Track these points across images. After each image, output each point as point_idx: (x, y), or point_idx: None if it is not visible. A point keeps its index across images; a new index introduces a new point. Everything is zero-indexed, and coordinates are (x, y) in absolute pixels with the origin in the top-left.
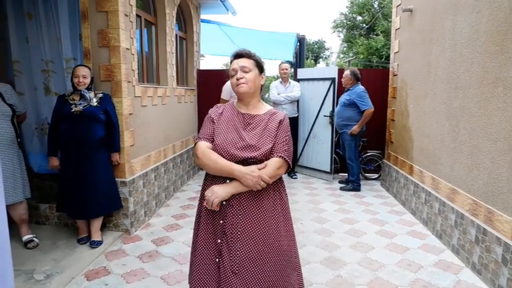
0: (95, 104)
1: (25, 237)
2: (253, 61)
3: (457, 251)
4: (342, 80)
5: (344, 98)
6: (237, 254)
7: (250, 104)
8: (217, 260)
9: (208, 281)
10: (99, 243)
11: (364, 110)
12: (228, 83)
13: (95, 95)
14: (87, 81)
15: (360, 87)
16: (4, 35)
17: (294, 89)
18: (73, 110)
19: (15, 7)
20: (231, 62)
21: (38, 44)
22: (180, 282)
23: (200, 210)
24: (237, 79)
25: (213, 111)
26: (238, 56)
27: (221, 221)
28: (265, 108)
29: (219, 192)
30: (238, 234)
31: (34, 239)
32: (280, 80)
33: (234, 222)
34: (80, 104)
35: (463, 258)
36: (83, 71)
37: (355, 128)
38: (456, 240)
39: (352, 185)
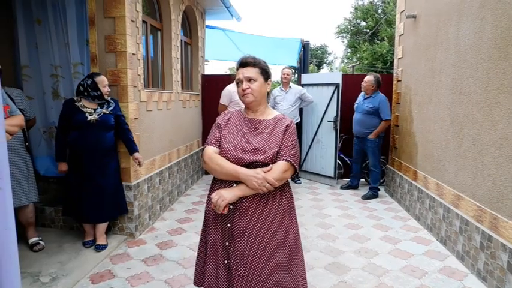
0: (108, 111)
1: (31, 240)
2: (258, 69)
3: (461, 257)
4: (363, 84)
5: (366, 105)
6: (244, 257)
7: (258, 110)
8: (226, 261)
9: (219, 282)
10: (104, 246)
11: (386, 119)
12: (227, 88)
13: None
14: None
15: (383, 95)
16: (13, 40)
17: (302, 93)
18: (89, 119)
19: (24, 13)
20: (237, 69)
21: (47, 49)
22: (185, 286)
23: (208, 214)
24: (243, 89)
25: (220, 118)
26: (243, 64)
27: (228, 225)
28: (272, 113)
29: (225, 195)
30: (246, 237)
31: (40, 241)
32: (281, 86)
33: (241, 225)
34: (97, 112)
35: (468, 264)
36: (107, 80)
37: (371, 136)
38: (461, 247)
39: (373, 191)
